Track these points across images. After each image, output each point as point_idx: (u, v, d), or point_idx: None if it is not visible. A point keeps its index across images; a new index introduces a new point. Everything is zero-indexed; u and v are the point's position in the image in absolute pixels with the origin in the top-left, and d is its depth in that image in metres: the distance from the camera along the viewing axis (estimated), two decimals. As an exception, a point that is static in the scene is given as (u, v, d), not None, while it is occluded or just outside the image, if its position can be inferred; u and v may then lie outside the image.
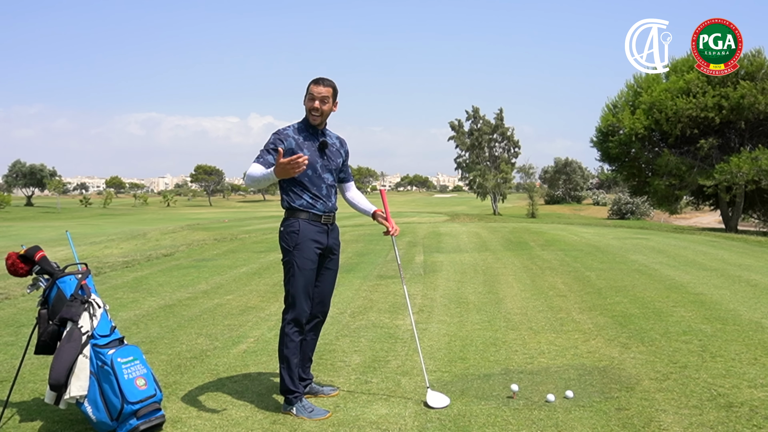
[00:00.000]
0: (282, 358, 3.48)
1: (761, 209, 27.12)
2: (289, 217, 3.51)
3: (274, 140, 3.45)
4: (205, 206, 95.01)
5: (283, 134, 3.48)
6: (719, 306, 6.05)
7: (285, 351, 3.47)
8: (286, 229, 3.50)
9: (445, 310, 6.07)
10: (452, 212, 44.77)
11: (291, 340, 3.47)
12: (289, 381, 3.45)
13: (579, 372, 4.03)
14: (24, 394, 3.79)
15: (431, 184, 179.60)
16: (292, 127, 3.55)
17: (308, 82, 3.57)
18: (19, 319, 5.93)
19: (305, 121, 3.57)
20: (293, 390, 3.45)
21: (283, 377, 3.47)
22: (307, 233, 3.47)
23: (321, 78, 3.53)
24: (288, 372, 3.46)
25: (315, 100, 3.49)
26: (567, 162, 73.73)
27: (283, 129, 3.52)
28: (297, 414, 3.39)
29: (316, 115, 3.50)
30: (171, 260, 10.92)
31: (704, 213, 44.16)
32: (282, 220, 3.57)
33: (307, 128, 3.55)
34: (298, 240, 3.45)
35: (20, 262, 3.42)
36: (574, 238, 13.93)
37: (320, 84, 3.50)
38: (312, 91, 3.50)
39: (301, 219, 3.48)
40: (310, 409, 3.41)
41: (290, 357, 3.47)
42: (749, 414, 3.30)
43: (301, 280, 3.45)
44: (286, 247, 3.48)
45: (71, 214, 66.61)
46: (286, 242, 3.48)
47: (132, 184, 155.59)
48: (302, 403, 3.44)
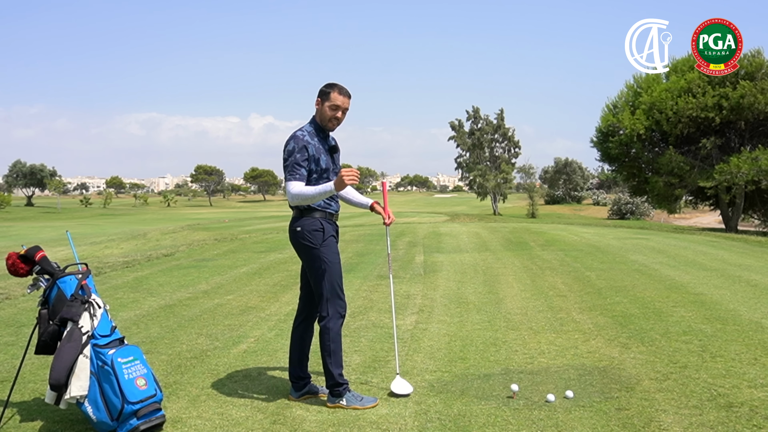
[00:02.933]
0: (330, 353, 3.53)
1: (761, 209, 27.13)
2: (306, 216, 3.52)
3: (298, 150, 3.43)
4: (205, 206, 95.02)
5: (303, 142, 3.46)
6: (719, 306, 6.05)
7: (333, 345, 3.53)
8: (307, 227, 3.50)
9: (445, 310, 6.08)
10: (452, 212, 44.78)
11: (337, 333, 3.56)
12: (339, 375, 3.53)
13: (579, 372, 4.03)
14: (24, 394, 3.79)
15: (431, 184, 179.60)
16: (306, 131, 3.53)
17: (324, 86, 3.55)
18: (20, 319, 5.94)
19: (316, 125, 3.58)
20: (342, 382, 3.54)
21: (332, 372, 3.53)
22: (330, 230, 3.55)
23: (342, 86, 3.57)
24: (339, 365, 3.55)
25: (339, 111, 3.54)
26: (567, 162, 73.73)
27: (300, 135, 3.49)
28: (347, 404, 3.48)
29: (336, 124, 3.58)
30: (171, 260, 10.92)
31: (704, 213, 44.17)
32: (295, 219, 3.57)
33: (318, 132, 3.57)
34: (324, 236, 3.51)
35: (21, 262, 3.43)
36: (574, 238, 13.93)
37: (345, 95, 3.55)
38: (336, 101, 3.53)
39: (319, 218, 3.52)
40: (359, 398, 3.52)
41: (338, 350, 3.56)
42: (749, 414, 3.30)
43: (336, 273, 3.54)
44: (311, 245, 3.50)
45: (71, 214, 66.63)
46: (311, 240, 3.50)
47: (132, 184, 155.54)
48: (352, 393, 3.54)
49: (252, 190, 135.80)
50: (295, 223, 3.56)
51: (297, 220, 3.56)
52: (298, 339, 3.72)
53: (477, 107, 55.08)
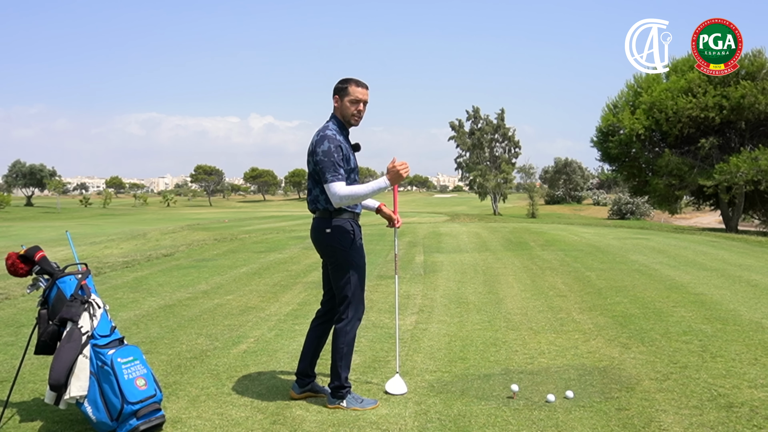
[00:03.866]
0: (342, 355, 3.50)
1: (761, 209, 27.12)
2: (336, 216, 3.44)
3: (335, 150, 3.32)
4: (205, 206, 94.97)
5: (338, 141, 3.37)
6: (719, 306, 6.05)
7: (346, 348, 3.51)
8: (336, 229, 3.43)
9: (445, 310, 6.07)
10: (452, 212, 44.77)
11: (353, 337, 3.54)
12: (345, 378, 3.51)
13: (579, 372, 4.03)
14: (24, 394, 3.79)
15: (431, 184, 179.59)
16: (333, 129, 3.43)
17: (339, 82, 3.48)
18: (19, 319, 5.93)
19: (339, 123, 3.48)
20: (347, 385, 3.52)
21: (340, 374, 3.50)
22: (358, 232, 3.52)
23: (358, 79, 3.49)
24: (347, 368, 3.52)
25: (360, 103, 3.46)
26: (567, 162, 73.72)
27: (332, 134, 3.38)
28: (348, 406, 3.45)
29: (359, 119, 3.49)
30: (171, 260, 10.91)
31: (704, 213, 44.15)
32: (322, 220, 3.47)
33: (342, 130, 3.49)
34: (354, 239, 3.46)
35: (20, 262, 3.42)
36: (575, 238, 13.92)
37: (363, 86, 3.46)
38: (356, 94, 3.44)
39: (348, 219, 3.47)
40: (360, 399, 3.50)
41: (350, 354, 3.54)
42: (749, 414, 3.30)
43: (361, 277, 3.52)
44: (340, 246, 3.44)
45: (71, 214, 66.60)
46: (340, 242, 3.43)
47: (132, 184, 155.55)
48: (353, 395, 3.52)
49: (252, 190, 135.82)
50: (324, 224, 3.46)
51: (325, 221, 3.45)
52: (316, 338, 3.69)
53: (477, 107, 55.12)
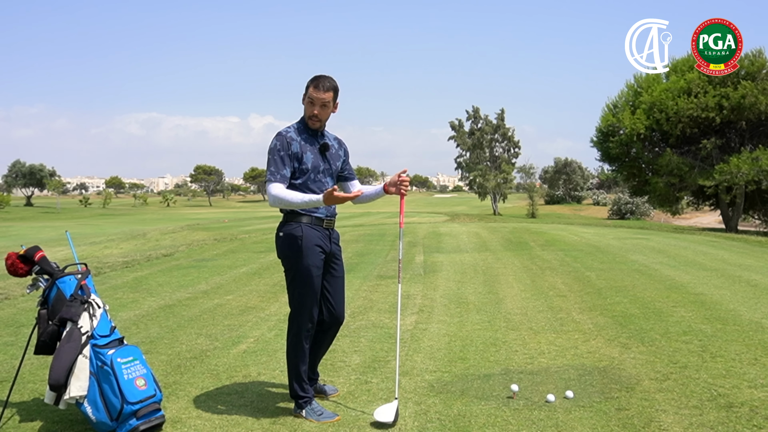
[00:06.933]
0: (291, 365, 3.40)
1: (762, 209, 27.13)
2: (290, 221, 3.35)
3: (281, 148, 3.28)
4: (204, 206, 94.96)
5: (287, 138, 3.31)
6: (719, 306, 6.05)
7: (294, 359, 3.39)
8: (287, 233, 3.34)
9: (445, 310, 6.07)
10: (452, 212, 44.75)
11: (301, 349, 3.39)
12: (298, 388, 3.39)
13: (579, 372, 4.03)
14: (24, 394, 3.79)
15: (431, 184, 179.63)
16: (293, 128, 3.39)
17: (308, 80, 3.36)
18: (19, 319, 5.93)
19: (305, 122, 3.42)
20: (303, 395, 3.39)
21: (292, 384, 3.40)
22: (311, 238, 3.32)
23: (321, 78, 3.31)
24: (297, 379, 3.39)
25: (315, 106, 3.32)
26: (567, 162, 73.66)
27: (285, 131, 3.35)
28: (306, 417, 3.33)
29: (316, 121, 3.37)
30: (171, 260, 10.91)
31: (704, 213, 44.12)
32: (280, 224, 3.43)
33: (306, 129, 3.41)
34: (302, 245, 3.29)
35: (20, 262, 3.42)
36: (574, 238, 13.92)
37: (321, 88, 3.29)
38: (312, 96, 3.30)
39: (303, 223, 3.33)
40: (319, 412, 3.35)
41: (300, 365, 3.38)
42: (749, 414, 3.30)
43: (308, 286, 3.32)
44: (288, 252, 3.34)
45: (71, 214, 66.59)
46: (289, 247, 3.33)
47: (132, 184, 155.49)
48: (312, 406, 3.38)
49: (251, 190, 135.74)
50: (279, 228, 3.41)
51: (281, 224, 3.40)
52: (315, 344, 3.57)
53: (477, 107, 55.01)
